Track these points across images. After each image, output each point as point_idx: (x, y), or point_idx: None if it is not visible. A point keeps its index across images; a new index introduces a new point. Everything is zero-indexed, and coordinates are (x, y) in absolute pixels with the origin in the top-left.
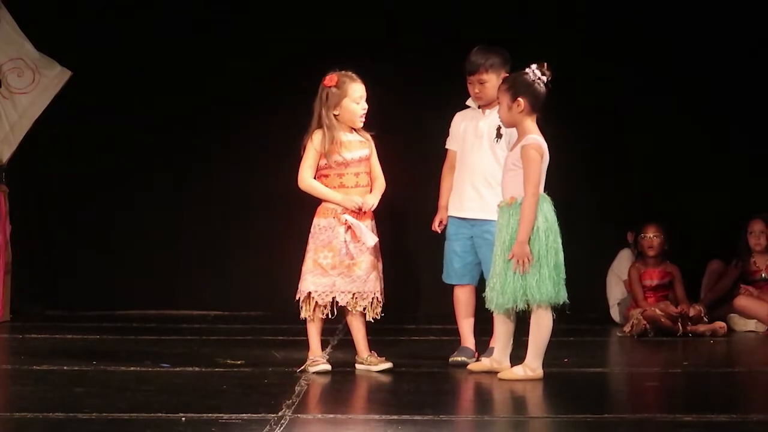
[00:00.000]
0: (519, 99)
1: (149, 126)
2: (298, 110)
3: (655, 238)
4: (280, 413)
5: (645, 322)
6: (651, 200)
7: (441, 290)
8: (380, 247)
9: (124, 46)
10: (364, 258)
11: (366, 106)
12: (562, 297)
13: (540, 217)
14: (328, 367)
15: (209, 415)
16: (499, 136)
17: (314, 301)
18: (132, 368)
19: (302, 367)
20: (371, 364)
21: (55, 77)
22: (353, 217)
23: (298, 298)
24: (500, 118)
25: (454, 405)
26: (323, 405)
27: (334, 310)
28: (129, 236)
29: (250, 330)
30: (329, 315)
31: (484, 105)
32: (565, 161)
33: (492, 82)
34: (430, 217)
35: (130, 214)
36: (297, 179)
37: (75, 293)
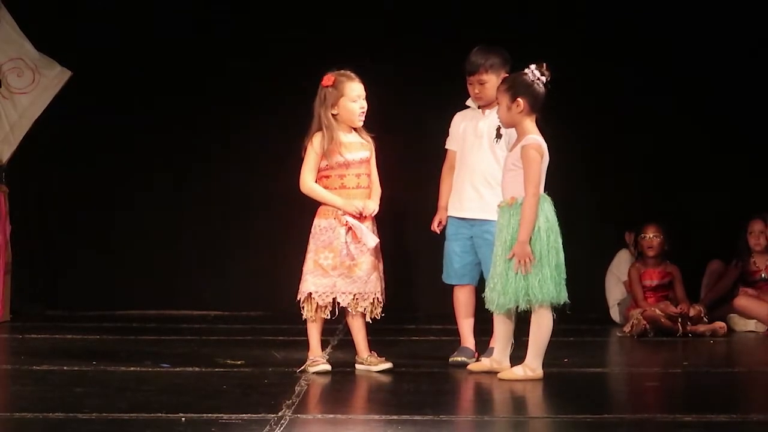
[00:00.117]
0: (518, 99)
1: (149, 126)
2: (298, 110)
3: (655, 238)
4: (280, 413)
5: (645, 322)
6: (651, 200)
7: (441, 290)
8: (380, 248)
9: (124, 46)
10: (365, 259)
11: (365, 105)
12: (563, 297)
13: (541, 217)
14: (328, 367)
15: (209, 415)
16: (498, 136)
17: (315, 302)
18: (132, 368)
19: (302, 367)
20: (371, 364)
21: (55, 77)
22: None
23: (298, 299)
24: (499, 118)
25: (454, 405)
26: (323, 405)
27: (335, 310)
28: (129, 236)
29: (250, 330)
30: (330, 315)
31: (484, 105)
32: (565, 161)
33: (492, 82)
34: (429, 217)
35: (130, 214)
36: (298, 182)
37: (75, 293)
